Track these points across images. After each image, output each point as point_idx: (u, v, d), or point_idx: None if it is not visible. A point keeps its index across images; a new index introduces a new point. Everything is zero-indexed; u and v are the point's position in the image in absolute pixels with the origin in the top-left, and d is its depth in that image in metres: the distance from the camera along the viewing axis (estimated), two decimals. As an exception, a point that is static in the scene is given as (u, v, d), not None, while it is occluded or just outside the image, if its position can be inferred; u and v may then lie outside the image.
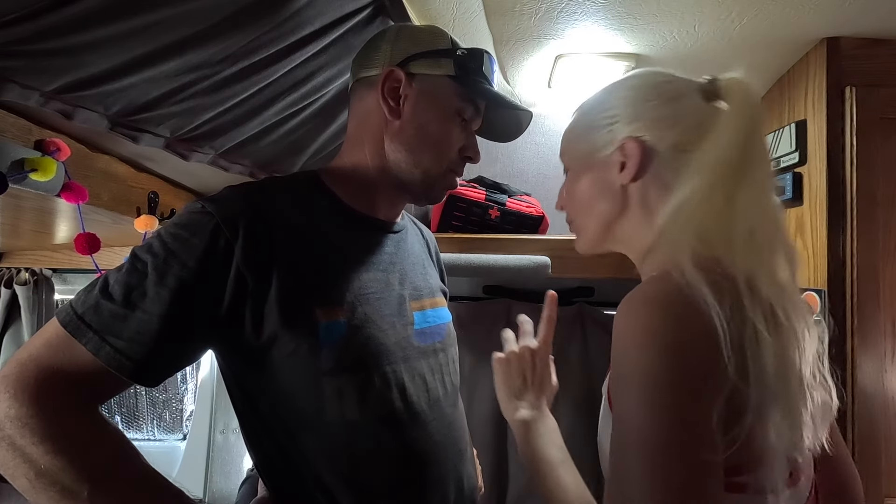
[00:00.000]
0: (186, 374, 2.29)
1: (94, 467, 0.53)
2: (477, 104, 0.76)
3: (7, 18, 0.57)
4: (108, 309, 0.57)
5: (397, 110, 0.72)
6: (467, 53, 0.73)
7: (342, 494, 0.65)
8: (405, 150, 0.73)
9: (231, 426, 1.76)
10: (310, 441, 0.65)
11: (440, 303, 0.83)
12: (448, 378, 0.78)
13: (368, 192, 0.76)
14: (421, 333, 0.75)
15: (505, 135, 0.84)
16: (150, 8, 0.64)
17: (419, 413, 0.70)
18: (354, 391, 0.65)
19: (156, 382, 0.59)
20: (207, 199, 0.64)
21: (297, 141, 1.14)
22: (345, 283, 0.68)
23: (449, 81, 0.73)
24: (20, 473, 0.52)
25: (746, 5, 0.95)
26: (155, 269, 0.58)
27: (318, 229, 0.70)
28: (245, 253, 0.61)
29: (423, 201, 0.79)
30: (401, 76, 0.72)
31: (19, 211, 1.07)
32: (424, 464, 0.69)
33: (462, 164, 0.78)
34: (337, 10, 0.79)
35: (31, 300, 1.82)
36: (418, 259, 0.83)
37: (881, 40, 1.04)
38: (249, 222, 0.62)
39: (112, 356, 0.56)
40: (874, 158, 1.01)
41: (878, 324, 0.99)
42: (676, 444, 0.45)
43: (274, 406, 0.66)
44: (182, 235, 0.60)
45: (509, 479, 1.42)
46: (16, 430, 0.52)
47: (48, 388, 0.54)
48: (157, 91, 0.80)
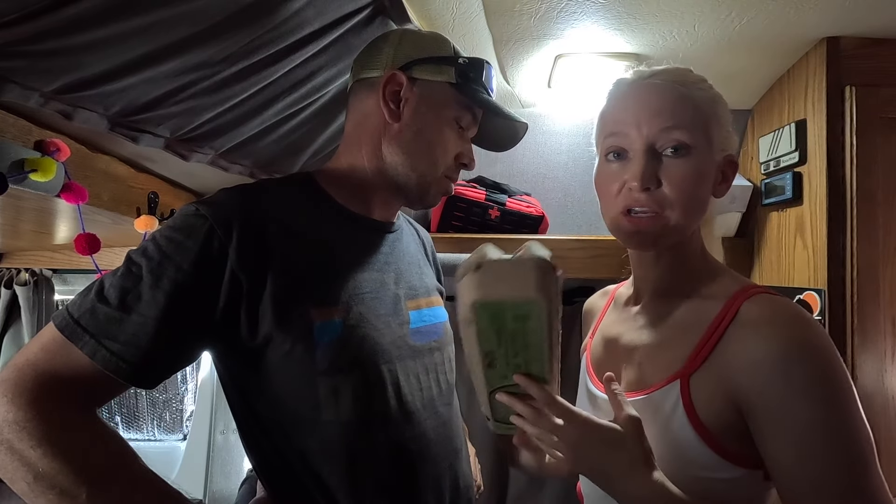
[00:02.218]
0: (186, 374, 2.29)
1: (92, 470, 0.53)
2: (474, 112, 0.77)
3: (7, 18, 0.57)
4: (103, 312, 0.57)
5: (397, 113, 0.73)
6: (469, 62, 0.74)
7: (339, 493, 0.65)
8: (402, 154, 0.73)
9: (231, 426, 1.76)
10: (306, 440, 0.66)
11: (436, 302, 0.84)
12: (443, 377, 0.78)
13: (364, 193, 0.77)
14: (417, 332, 0.75)
15: (500, 144, 0.85)
16: (150, 8, 0.64)
17: (413, 412, 0.70)
18: (350, 390, 0.65)
19: (153, 385, 0.60)
20: (201, 201, 0.64)
21: (297, 141, 1.14)
22: (340, 282, 0.68)
23: (449, 88, 0.74)
24: (19, 477, 0.52)
25: (746, 5, 0.95)
26: (150, 272, 0.59)
27: (313, 230, 0.70)
28: (239, 255, 0.61)
29: (417, 205, 0.79)
30: (402, 80, 0.72)
31: (19, 211, 1.07)
32: (419, 462, 0.69)
33: (458, 170, 0.79)
34: (337, 10, 0.79)
35: (31, 301, 1.82)
36: (414, 259, 0.84)
37: (881, 40, 1.04)
38: (243, 224, 0.63)
39: (108, 359, 0.56)
40: (874, 158, 1.01)
41: (878, 324, 0.99)
42: (867, 438, 0.53)
43: (270, 406, 0.66)
44: (176, 238, 0.61)
45: (509, 479, 1.42)
46: (14, 434, 0.52)
47: (45, 391, 0.54)
48: (157, 91, 0.80)
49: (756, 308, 0.57)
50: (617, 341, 0.72)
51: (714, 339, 0.58)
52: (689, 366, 0.59)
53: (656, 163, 0.61)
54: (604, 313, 0.81)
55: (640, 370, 0.65)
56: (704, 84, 0.64)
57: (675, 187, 0.60)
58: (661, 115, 0.61)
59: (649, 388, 0.62)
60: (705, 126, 0.61)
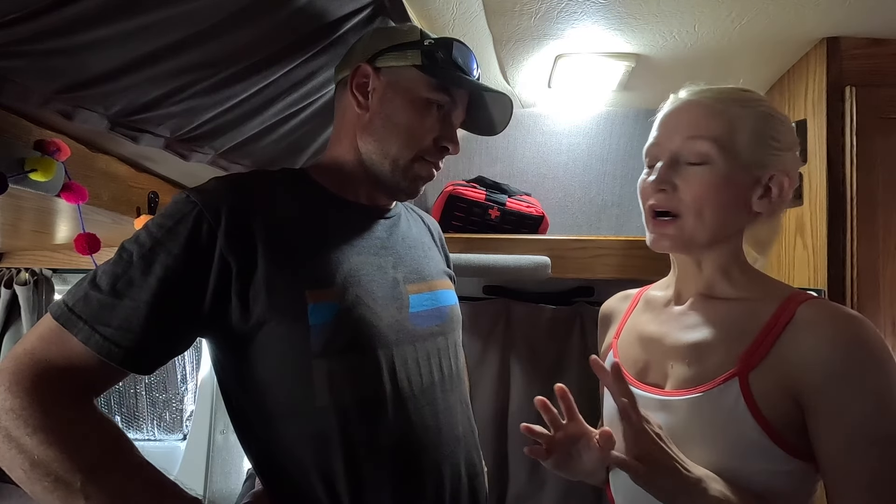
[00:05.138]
0: (186, 374, 2.29)
1: (87, 458, 0.54)
2: (452, 94, 0.76)
3: (7, 18, 0.57)
4: (96, 299, 0.58)
5: (366, 104, 0.75)
6: (435, 42, 0.74)
7: (335, 480, 0.65)
8: (374, 141, 0.75)
9: (231, 426, 1.76)
10: (301, 427, 0.66)
11: (442, 285, 0.82)
12: (446, 362, 0.77)
13: (352, 185, 0.78)
14: (417, 316, 0.74)
15: (491, 126, 0.84)
16: (150, 8, 0.64)
17: (409, 398, 0.69)
18: (345, 374, 0.65)
19: (148, 370, 0.61)
20: (193, 189, 0.66)
21: (297, 141, 1.14)
22: (335, 265, 0.69)
23: (416, 72, 0.74)
24: (16, 464, 0.53)
25: (746, 5, 0.95)
26: (141, 258, 0.60)
27: (306, 214, 0.71)
28: (228, 238, 0.62)
29: (400, 195, 0.79)
30: (368, 71, 0.74)
31: (19, 211, 1.07)
32: (417, 449, 0.69)
33: (438, 153, 0.77)
34: (337, 10, 0.79)
35: (31, 300, 1.82)
36: (416, 242, 0.83)
37: (881, 40, 1.04)
38: (232, 209, 0.64)
39: (102, 344, 0.57)
40: (874, 158, 1.01)
41: (878, 324, 0.99)
42: None
43: (264, 393, 0.66)
44: (166, 224, 0.62)
45: (509, 480, 1.42)
46: (11, 422, 0.53)
47: (43, 380, 0.55)
48: (157, 91, 0.80)
49: (814, 310, 0.61)
50: (660, 341, 0.73)
51: (771, 339, 0.61)
52: (748, 363, 0.62)
53: (676, 169, 0.67)
54: (629, 314, 0.82)
55: (693, 368, 0.67)
56: (750, 102, 0.67)
57: (690, 192, 0.66)
58: (687, 129, 0.67)
59: (706, 385, 0.64)
60: (733, 141, 0.65)
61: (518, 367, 1.43)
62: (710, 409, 0.62)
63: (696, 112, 0.67)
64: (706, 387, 0.63)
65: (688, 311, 0.72)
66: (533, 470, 1.40)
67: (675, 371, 0.68)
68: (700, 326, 0.69)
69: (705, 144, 0.65)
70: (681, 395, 0.65)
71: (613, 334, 0.83)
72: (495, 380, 1.42)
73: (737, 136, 0.65)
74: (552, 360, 1.43)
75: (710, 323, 0.68)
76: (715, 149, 0.64)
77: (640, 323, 0.78)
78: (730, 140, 0.65)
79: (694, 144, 0.66)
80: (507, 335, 1.45)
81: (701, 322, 0.69)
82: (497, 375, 1.43)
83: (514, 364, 1.44)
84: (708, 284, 0.71)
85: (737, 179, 0.65)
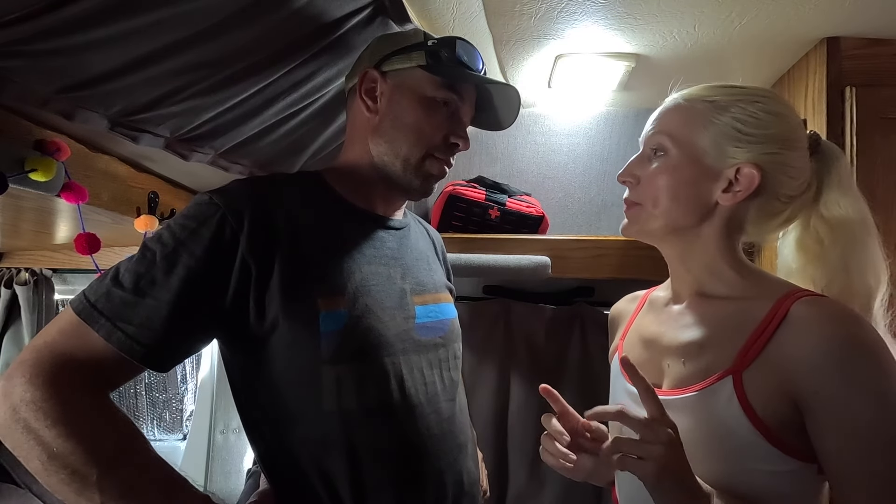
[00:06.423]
0: (186, 374, 2.29)
1: (103, 452, 0.55)
2: (459, 91, 0.77)
3: (7, 18, 0.57)
4: (118, 296, 0.59)
5: (375, 108, 0.76)
6: (438, 42, 0.76)
7: (340, 484, 0.66)
8: (385, 143, 0.76)
9: (231, 426, 1.76)
10: (308, 430, 0.66)
11: (444, 298, 0.84)
12: (447, 373, 0.78)
13: (366, 189, 0.79)
14: (422, 327, 0.76)
15: (500, 121, 0.86)
16: (150, 8, 0.64)
17: (416, 405, 0.70)
18: (352, 381, 0.66)
19: (165, 368, 0.62)
20: (215, 191, 0.67)
21: (297, 141, 1.14)
22: (346, 274, 0.70)
23: (421, 72, 0.75)
24: (33, 456, 0.54)
25: (746, 5, 0.95)
26: (164, 258, 0.61)
27: (322, 222, 0.72)
28: (250, 242, 0.64)
29: (414, 194, 0.81)
30: (375, 76, 0.76)
31: (19, 211, 1.07)
32: (421, 456, 0.70)
33: (448, 150, 0.79)
34: (337, 10, 0.79)
35: (31, 300, 1.82)
36: (422, 255, 0.85)
37: (881, 40, 1.04)
38: (254, 213, 0.65)
39: (123, 341, 0.58)
40: (874, 158, 1.01)
41: (878, 324, 0.99)
42: None
43: (274, 396, 0.67)
44: (190, 226, 0.63)
45: (509, 479, 1.42)
46: (30, 414, 0.54)
47: (62, 373, 0.56)
48: (157, 91, 0.80)
49: (808, 308, 0.59)
50: (658, 340, 0.73)
51: (765, 338, 0.60)
52: (741, 362, 0.61)
53: (645, 163, 0.71)
54: (635, 316, 0.83)
55: (687, 367, 0.67)
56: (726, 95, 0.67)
57: (647, 183, 0.70)
58: (653, 125, 0.72)
59: (699, 385, 0.63)
60: (693, 134, 0.67)
61: (518, 368, 1.43)
62: (704, 408, 0.62)
63: (665, 109, 0.71)
64: (700, 386, 0.63)
65: (685, 311, 0.72)
66: (533, 470, 1.40)
67: (672, 370, 0.69)
68: (695, 325, 0.69)
69: (661, 137, 0.69)
70: (676, 395, 0.65)
71: (620, 336, 0.83)
72: (495, 380, 1.42)
73: (695, 129, 0.67)
74: (552, 360, 1.43)
75: (705, 322, 0.68)
76: (669, 141, 0.68)
77: (644, 324, 0.78)
78: (687, 133, 0.67)
79: (653, 138, 0.70)
80: (507, 335, 1.45)
81: (696, 321, 0.69)
82: (497, 375, 1.43)
83: (513, 364, 1.44)
84: (699, 283, 0.71)
85: (691, 170, 0.66)
